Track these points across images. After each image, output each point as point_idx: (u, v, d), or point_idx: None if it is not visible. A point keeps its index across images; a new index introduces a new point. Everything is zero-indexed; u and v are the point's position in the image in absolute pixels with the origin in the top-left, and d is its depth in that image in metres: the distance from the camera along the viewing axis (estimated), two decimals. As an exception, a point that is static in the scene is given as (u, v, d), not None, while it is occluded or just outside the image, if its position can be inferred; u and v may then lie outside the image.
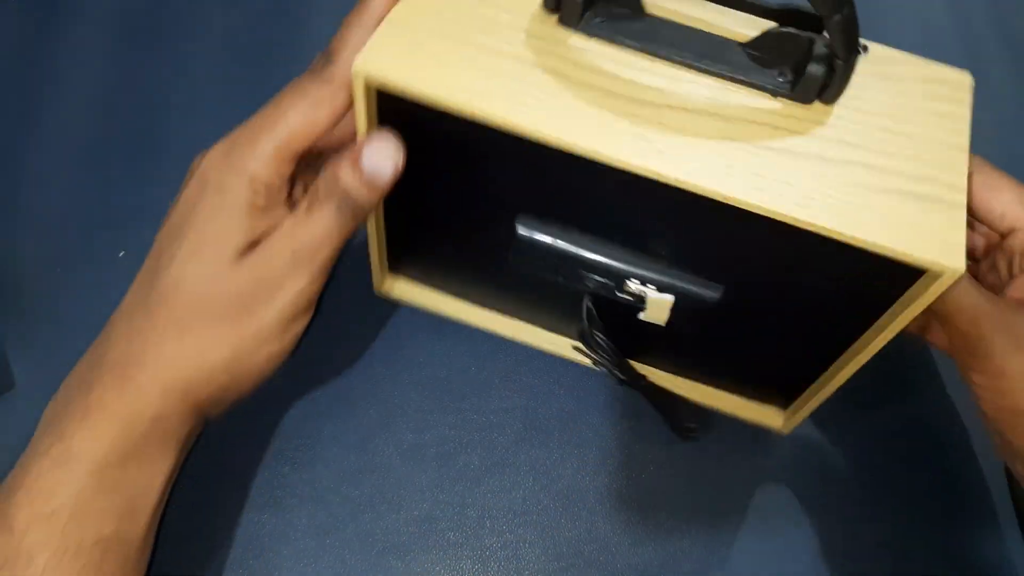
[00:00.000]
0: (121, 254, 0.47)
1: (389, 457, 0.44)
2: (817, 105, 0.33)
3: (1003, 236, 0.37)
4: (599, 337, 0.42)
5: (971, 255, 0.40)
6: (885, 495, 0.43)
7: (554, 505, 0.43)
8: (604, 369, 0.43)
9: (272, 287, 0.34)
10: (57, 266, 0.46)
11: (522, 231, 0.39)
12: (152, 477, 0.34)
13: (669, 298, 0.38)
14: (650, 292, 0.38)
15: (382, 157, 0.34)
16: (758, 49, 0.33)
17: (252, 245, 0.35)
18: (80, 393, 0.33)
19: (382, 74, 0.32)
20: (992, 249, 0.39)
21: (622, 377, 0.43)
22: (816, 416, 0.42)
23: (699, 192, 0.31)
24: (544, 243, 0.39)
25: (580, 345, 0.43)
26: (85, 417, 0.32)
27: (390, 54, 0.32)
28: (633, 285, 0.38)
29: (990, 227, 0.37)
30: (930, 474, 0.45)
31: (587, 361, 0.44)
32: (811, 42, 0.32)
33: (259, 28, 0.53)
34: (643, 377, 0.43)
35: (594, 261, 0.39)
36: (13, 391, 0.44)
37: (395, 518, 0.43)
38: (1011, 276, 0.37)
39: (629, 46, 0.34)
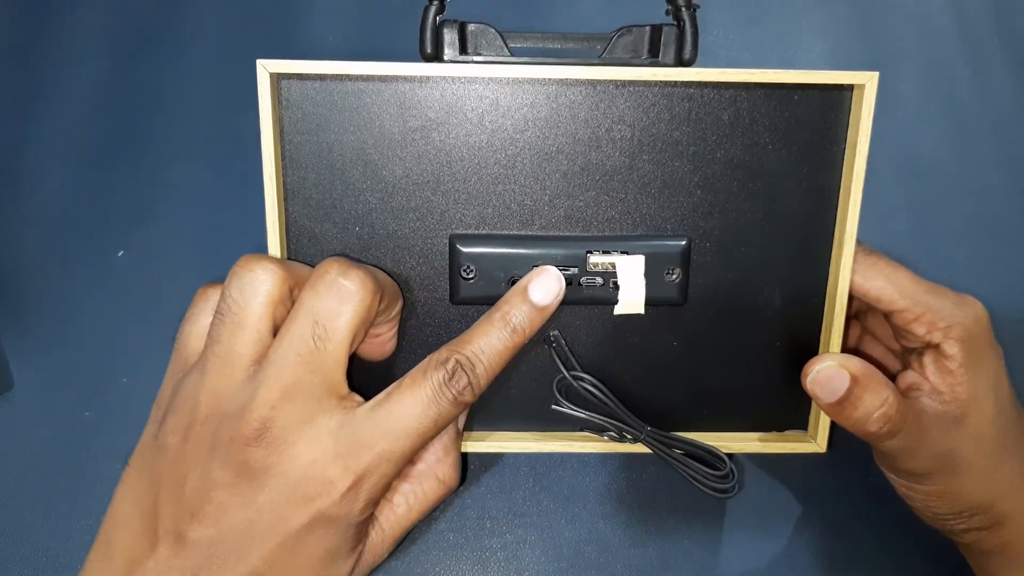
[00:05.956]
0: (120, 254, 0.47)
1: (389, 457, 0.44)
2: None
3: (887, 315, 0.38)
4: (588, 383, 0.38)
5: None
6: (886, 497, 0.43)
7: (554, 505, 0.43)
8: (601, 427, 0.39)
9: None
10: (57, 266, 0.46)
11: (465, 249, 0.37)
12: None
13: (640, 258, 0.38)
14: (618, 257, 0.38)
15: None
16: (615, 47, 0.37)
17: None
18: None
19: None
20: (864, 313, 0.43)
21: (635, 430, 0.39)
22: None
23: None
24: (491, 253, 0.37)
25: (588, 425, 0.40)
26: None
27: None
28: (597, 257, 0.38)
29: (874, 307, 0.38)
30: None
31: (593, 445, 0.40)
32: (654, 26, 0.37)
33: (257, 27, 0.53)
34: (653, 428, 0.39)
35: (551, 238, 0.38)
36: (12, 391, 0.44)
37: (395, 518, 0.43)
38: (904, 356, 0.39)
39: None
